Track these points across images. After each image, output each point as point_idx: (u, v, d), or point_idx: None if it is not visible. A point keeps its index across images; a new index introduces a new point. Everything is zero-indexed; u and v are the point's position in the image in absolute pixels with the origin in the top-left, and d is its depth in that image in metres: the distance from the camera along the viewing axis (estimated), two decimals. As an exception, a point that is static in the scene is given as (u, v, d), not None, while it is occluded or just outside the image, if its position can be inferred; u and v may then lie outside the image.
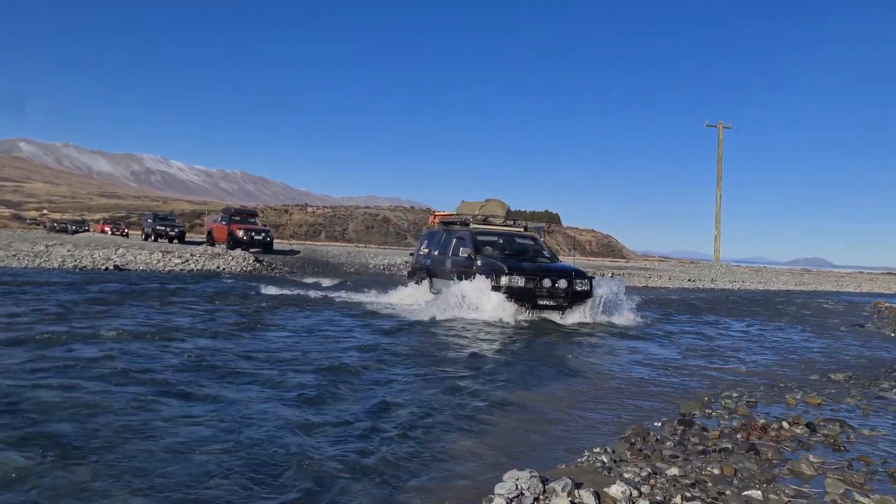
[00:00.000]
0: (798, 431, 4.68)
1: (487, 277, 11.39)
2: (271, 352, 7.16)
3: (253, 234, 27.76)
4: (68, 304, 10.13)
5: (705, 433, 4.61)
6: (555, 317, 11.53)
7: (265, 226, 30.54)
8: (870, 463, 4.00)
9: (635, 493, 3.28)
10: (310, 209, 76.76)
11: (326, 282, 18.66)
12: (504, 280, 11.24)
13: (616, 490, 3.27)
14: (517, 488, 3.21)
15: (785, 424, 4.79)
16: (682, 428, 4.74)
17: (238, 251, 25.00)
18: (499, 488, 3.23)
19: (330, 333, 8.89)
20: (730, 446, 4.25)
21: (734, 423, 4.89)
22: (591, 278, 12.12)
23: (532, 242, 13.83)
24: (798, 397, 6.00)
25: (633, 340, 9.96)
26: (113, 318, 9.00)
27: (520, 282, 11.28)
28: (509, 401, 5.56)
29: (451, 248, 13.41)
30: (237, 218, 29.13)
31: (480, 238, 13.12)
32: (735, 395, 6.17)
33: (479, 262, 12.06)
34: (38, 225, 58.31)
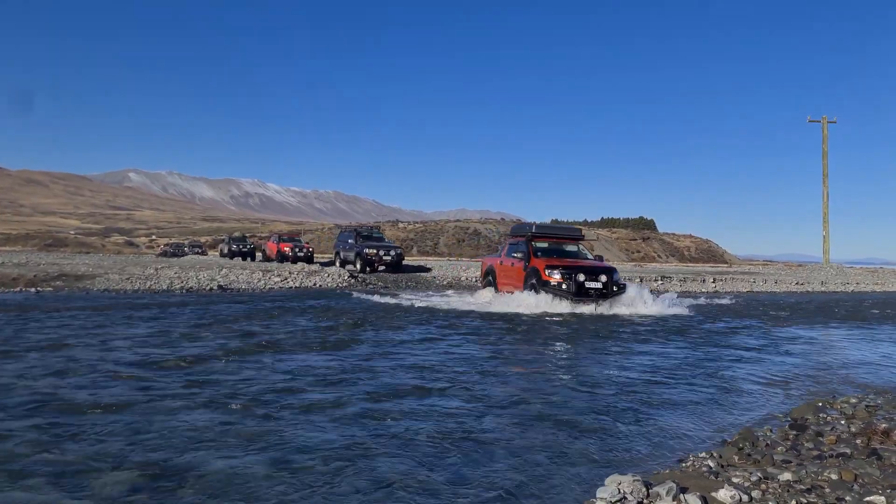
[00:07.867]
0: (926, 436, 4.35)
1: None
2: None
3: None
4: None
5: (820, 438, 4.36)
6: None
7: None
8: None
9: (745, 497, 3.12)
10: (401, 225, 77.93)
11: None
12: None
13: (724, 494, 3.14)
14: (619, 492, 3.13)
15: (910, 428, 4.47)
16: (794, 433, 4.50)
17: (333, 268, 25.58)
18: (601, 492, 3.15)
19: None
20: (849, 451, 4.00)
21: (853, 429, 4.60)
22: None
23: None
24: (925, 401, 5.59)
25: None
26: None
27: None
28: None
29: None
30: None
31: None
32: (853, 400, 5.80)
33: None
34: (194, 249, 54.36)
